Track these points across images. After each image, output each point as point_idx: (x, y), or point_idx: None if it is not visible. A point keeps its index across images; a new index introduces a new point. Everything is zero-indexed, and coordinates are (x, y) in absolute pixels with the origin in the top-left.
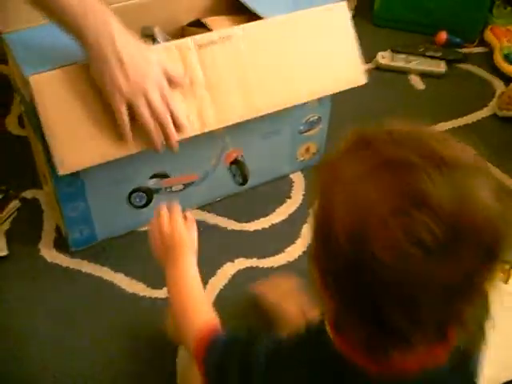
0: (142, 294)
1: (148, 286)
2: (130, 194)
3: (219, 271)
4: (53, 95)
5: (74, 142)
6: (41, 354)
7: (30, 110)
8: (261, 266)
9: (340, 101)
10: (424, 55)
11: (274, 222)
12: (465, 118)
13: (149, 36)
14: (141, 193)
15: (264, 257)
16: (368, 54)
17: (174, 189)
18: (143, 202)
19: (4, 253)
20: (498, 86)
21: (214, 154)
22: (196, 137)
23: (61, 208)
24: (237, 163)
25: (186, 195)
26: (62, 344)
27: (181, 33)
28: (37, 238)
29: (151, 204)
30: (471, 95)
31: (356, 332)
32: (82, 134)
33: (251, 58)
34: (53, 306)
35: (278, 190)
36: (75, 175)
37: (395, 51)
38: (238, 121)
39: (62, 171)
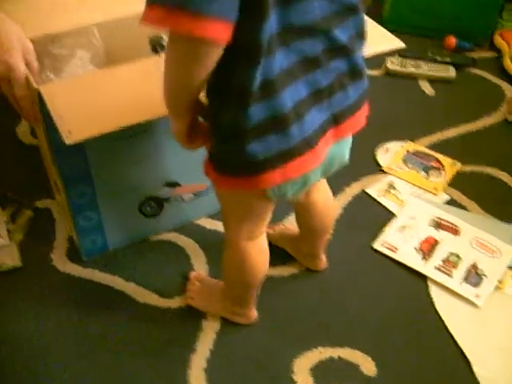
0: (153, 303)
1: (160, 296)
2: (141, 203)
3: None
4: (59, 87)
5: (79, 117)
6: (52, 365)
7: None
8: (274, 275)
9: None
10: (433, 60)
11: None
12: (475, 123)
13: (158, 45)
14: (152, 202)
15: (275, 265)
16: (377, 60)
17: (184, 197)
18: (154, 211)
19: (18, 264)
20: (508, 90)
21: None
22: None
23: (73, 218)
24: None
25: (197, 204)
26: (76, 353)
27: None
28: (49, 248)
29: (162, 213)
30: (481, 100)
31: None
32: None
33: None
34: (65, 316)
35: None
36: (87, 184)
37: (404, 56)
38: None
39: (68, 141)
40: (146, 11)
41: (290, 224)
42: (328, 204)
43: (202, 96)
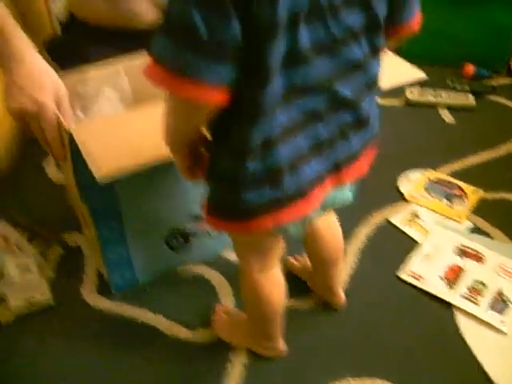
0: (182, 336)
1: (188, 329)
2: (168, 236)
3: None
4: (88, 128)
5: (109, 156)
6: None
7: (71, 159)
8: (300, 307)
9: None
10: (452, 89)
11: None
12: (496, 149)
13: None
14: (178, 235)
15: (299, 296)
16: (396, 90)
17: (209, 231)
18: (181, 244)
19: (48, 298)
20: None
21: None
22: None
23: (102, 252)
24: None
25: (221, 237)
26: None
27: None
28: (79, 283)
29: (188, 246)
30: (501, 127)
31: None
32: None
33: None
34: (96, 351)
35: None
36: (116, 219)
37: (424, 86)
38: None
39: (100, 180)
40: (149, 66)
41: None
42: (335, 234)
43: (204, 130)
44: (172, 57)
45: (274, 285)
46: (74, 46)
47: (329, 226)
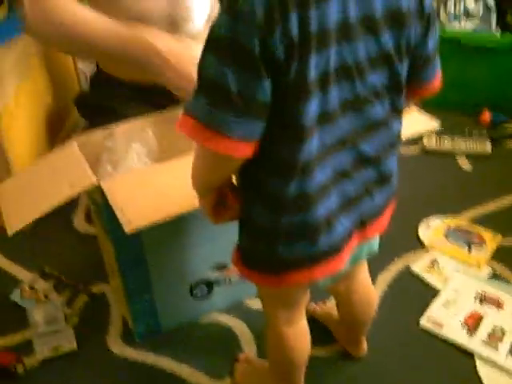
0: None
1: (211, 377)
2: (192, 286)
3: None
4: (117, 181)
5: (136, 207)
6: None
7: (100, 210)
8: (320, 355)
9: None
10: (469, 136)
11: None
12: None
13: None
14: (202, 284)
15: (322, 344)
16: (414, 138)
17: (232, 279)
18: (204, 293)
19: (73, 346)
20: None
21: None
22: None
23: (127, 301)
24: None
25: (243, 285)
26: None
27: None
28: (104, 331)
29: (211, 295)
30: None
31: None
32: (142, 203)
33: None
34: None
35: None
36: (142, 268)
37: (441, 134)
38: None
39: (128, 230)
40: (181, 118)
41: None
42: (371, 300)
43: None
44: (203, 111)
45: (299, 337)
46: (103, 102)
47: (361, 285)
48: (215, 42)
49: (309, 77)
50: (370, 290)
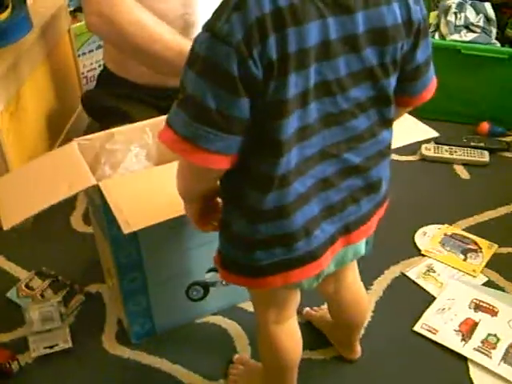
0: None
1: (205, 378)
2: (188, 288)
3: None
4: (116, 182)
5: (134, 209)
6: None
7: (98, 211)
8: (314, 358)
9: None
10: (467, 146)
11: None
12: (510, 205)
13: None
14: (198, 286)
15: (316, 348)
16: (412, 146)
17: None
18: (200, 295)
19: (68, 345)
20: None
21: None
22: None
23: (124, 302)
24: None
25: (240, 288)
26: None
27: None
28: (100, 331)
29: (207, 297)
30: None
31: None
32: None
33: None
34: None
35: None
36: (138, 270)
37: (439, 143)
38: None
39: (126, 231)
40: (163, 129)
41: None
42: (358, 301)
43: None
44: (183, 124)
45: (290, 336)
46: (112, 103)
47: (354, 293)
48: (195, 59)
49: (287, 96)
50: (360, 292)
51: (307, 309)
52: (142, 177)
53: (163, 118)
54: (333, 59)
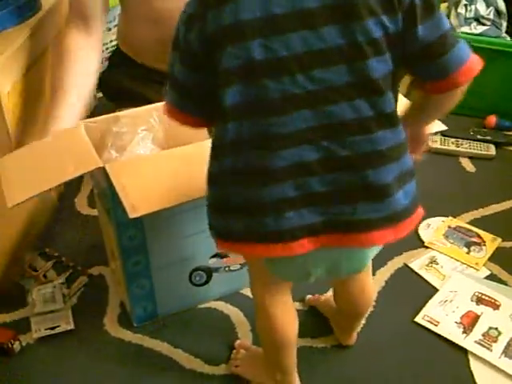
0: (199, 370)
1: (206, 363)
2: (192, 273)
3: None
4: (122, 165)
5: (141, 193)
6: None
7: (104, 194)
8: (314, 346)
9: None
10: (474, 139)
11: None
12: None
13: None
14: (201, 271)
15: (317, 336)
16: None
17: (231, 268)
18: (203, 280)
19: (70, 327)
20: None
21: None
22: None
23: (127, 285)
24: None
25: (243, 274)
26: None
27: None
28: (102, 313)
29: (210, 282)
30: None
31: None
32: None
33: None
34: (111, 376)
35: None
36: (142, 254)
37: (445, 135)
38: None
39: (132, 215)
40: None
41: None
42: (364, 295)
43: None
44: (168, 93)
45: (284, 312)
46: (127, 84)
47: (362, 285)
48: (174, 39)
49: (226, 66)
50: (367, 284)
51: (309, 296)
52: (149, 161)
53: None
54: (281, 35)
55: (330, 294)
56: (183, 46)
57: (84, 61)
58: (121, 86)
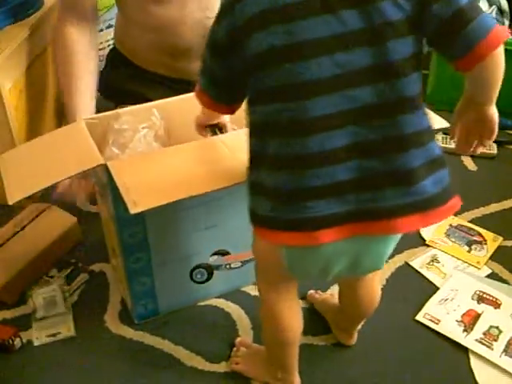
0: (200, 367)
1: (206, 360)
2: (192, 270)
3: None
4: (124, 162)
5: (142, 190)
6: None
7: (105, 191)
8: (315, 344)
9: None
10: None
11: None
12: None
13: (217, 128)
14: (202, 269)
15: (317, 334)
16: None
17: (232, 265)
18: (204, 277)
19: (71, 333)
20: None
21: None
22: None
23: (128, 282)
24: None
25: (244, 271)
26: None
27: None
28: (103, 310)
29: (211, 280)
30: None
31: None
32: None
33: None
34: (115, 376)
35: None
36: (144, 251)
37: (447, 134)
38: None
39: (133, 211)
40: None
41: (336, 293)
42: (372, 296)
43: None
44: (200, 77)
45: (288, 308)
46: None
47: (370, 288)
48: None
49: (255, 53)
50: (375, 288)
51: (311, 291)
52: (151, 158)
53: (173, 99)
54: (304, 19)
55: (328, 293)
56: (213, 36)
57: (88, 59)
58: (119, 85)
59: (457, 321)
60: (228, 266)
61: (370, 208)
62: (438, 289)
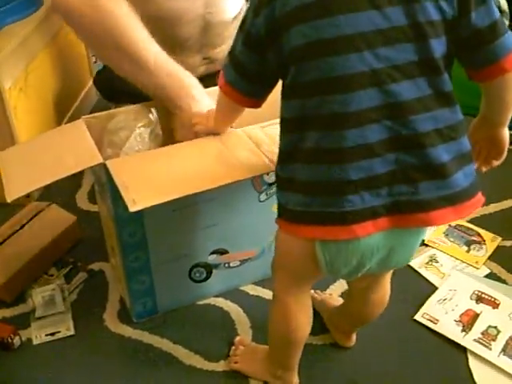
0: (199, 366)
1: (205, 359)
2: (191, 269)
3: None
4: (123, 162)
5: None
6: None
7: (104, 189)
8: (314, 343)
9: None
10: None
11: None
12: None
13: None
14: (201, 268)
15: (316, 333)
16: None
17: (231, 264)
18: (203, 276)
19: (70, 332)
20: None
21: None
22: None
23: (127, 281)
24: None
25: (243, 271)
26: None
27: None
28: (102, 309)
29: (210, 279)
30: None
31: None
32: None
33: None
34: (114, 374)
35: None
36: (142, 250)
37: None
38: None
39: (132, 209)
40: (220, 74)
41: (335, 293)
42: (383, 301)
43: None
44: (226, 69)
45: (301, 310)
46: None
47: (382, 294)
48: (241, 23)
49: (294, 46)
50: (387, 294)
51: (310, 291)
52: (150, 156)
53: None
54: (348, 13)
55: (327, 294)
56: (249, 29)
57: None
58: (119, 84)
59: (455, 321)
60: (227, 265)
61: (406, 201)
62: (436, 289)
